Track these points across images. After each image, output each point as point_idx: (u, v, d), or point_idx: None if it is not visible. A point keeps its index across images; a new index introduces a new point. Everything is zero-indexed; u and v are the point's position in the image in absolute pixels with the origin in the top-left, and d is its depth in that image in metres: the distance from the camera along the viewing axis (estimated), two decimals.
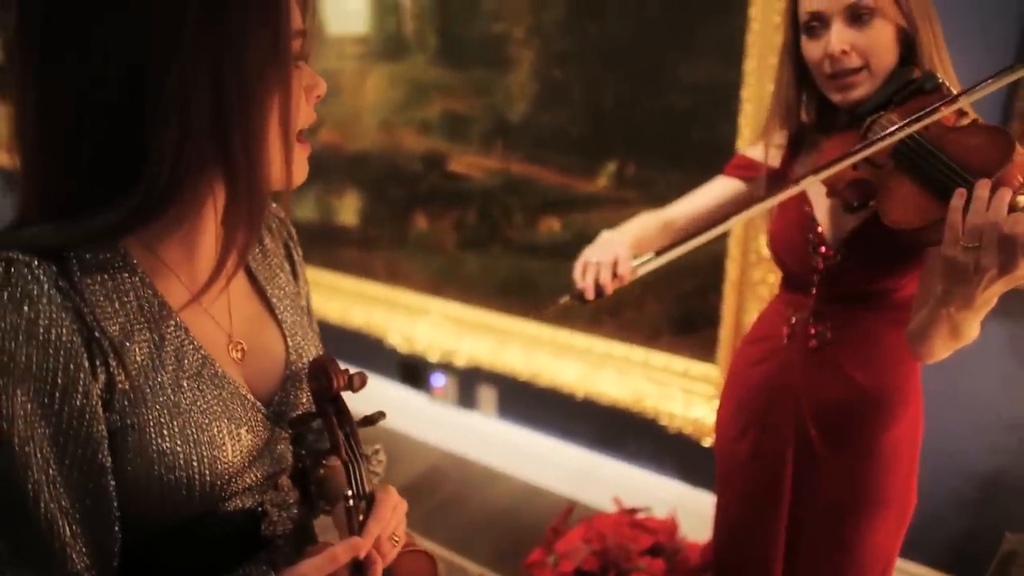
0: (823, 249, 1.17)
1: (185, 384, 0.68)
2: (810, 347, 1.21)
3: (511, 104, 2.20)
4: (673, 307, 2.11)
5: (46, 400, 0.60)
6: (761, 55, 1.75)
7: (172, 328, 0.70)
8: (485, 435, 2.62)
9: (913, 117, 0.98)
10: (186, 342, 0.70)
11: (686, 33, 1.87)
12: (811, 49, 1.11)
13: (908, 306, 1.14)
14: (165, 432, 0.65)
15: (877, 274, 1.14)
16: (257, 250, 0.87)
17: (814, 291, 1.19)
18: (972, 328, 0.97)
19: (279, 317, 0.83)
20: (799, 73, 1.17)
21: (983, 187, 0.87)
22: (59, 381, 0.61)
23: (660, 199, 1.43)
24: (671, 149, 1.98)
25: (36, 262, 0.61)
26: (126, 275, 0.67)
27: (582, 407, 2.31)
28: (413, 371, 2.72)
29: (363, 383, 0.75)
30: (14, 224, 0.66)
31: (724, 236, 1.94)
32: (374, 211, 2.66)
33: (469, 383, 2.62)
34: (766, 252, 1.86)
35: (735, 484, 1.34)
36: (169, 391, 0.67)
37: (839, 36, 1.06)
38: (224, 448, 0.69)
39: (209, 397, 0.70)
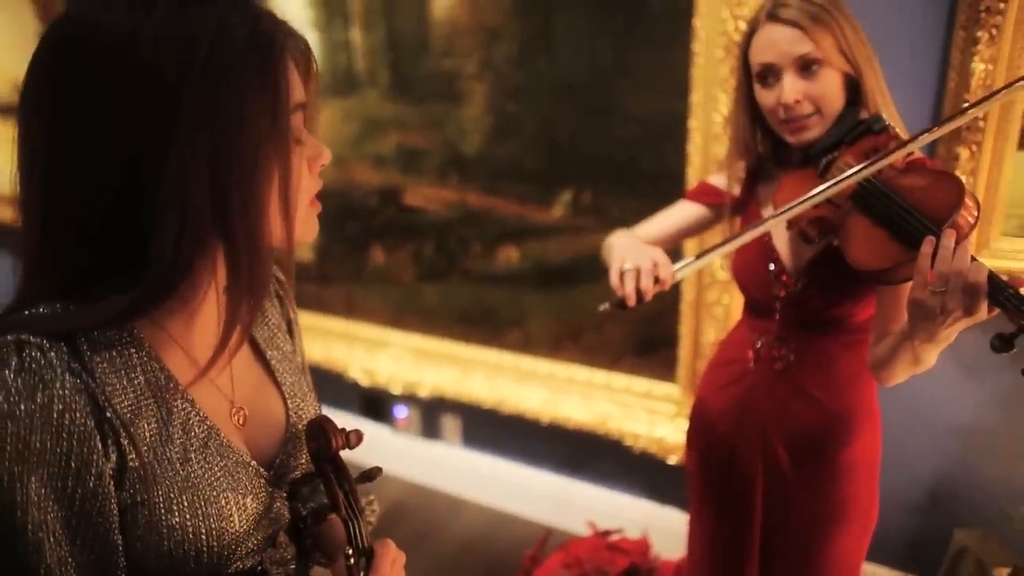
0: (784, 277, 1.24)
1: (192, 457, 0.70)
2: (775, 370, 1.27)
3: (465, 137, 2.24)
4: (633, 330, 2.17)
5: (59, 484, 0.61)
6: (706, 88, 1.83)
7: (179, 401, 0.71)
8: (451, 465, 2.62)
9: (869, 162, 1.05)
10: (192, 414, 0.71)
11: (634, 67, 1.94)
12: (764, 96, 1.18)
13: (864, 328, 1.22)
14: (174, 507, 0.67)
15: (836, 301, 1.21)
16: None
17: (777, 317, 1.26)
18: (932, 357, 1.04)
19: (279, 380, 0.85)
20: (753, 114, 1.24)
21: (949, 236, 0.94)
22: (72, 465, 0.61)
23: (616, 224, 1.48)
24: (624, 177, 2.04)
25: (48, 344, 0.62)
26: (133, 351, 0.68)
27: (548, 432, 2.34)
28: (375, 404, 2.71)
29: (359, 440, 0.77)
30: (17, 303, 0.66)
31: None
32: (330, 246, 2.66)
33: (433, 414, 2.62)
34: (720, 275, 1.94)
35: (708, 504, 1.39)
36: (178, 465, 0.68)
37: (791, 87, 1.13)
38: (231, 519, 0.70)
39: (216, 468, 0.71)
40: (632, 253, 1.15)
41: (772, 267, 1.25)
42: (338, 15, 2.33)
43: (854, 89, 1.16)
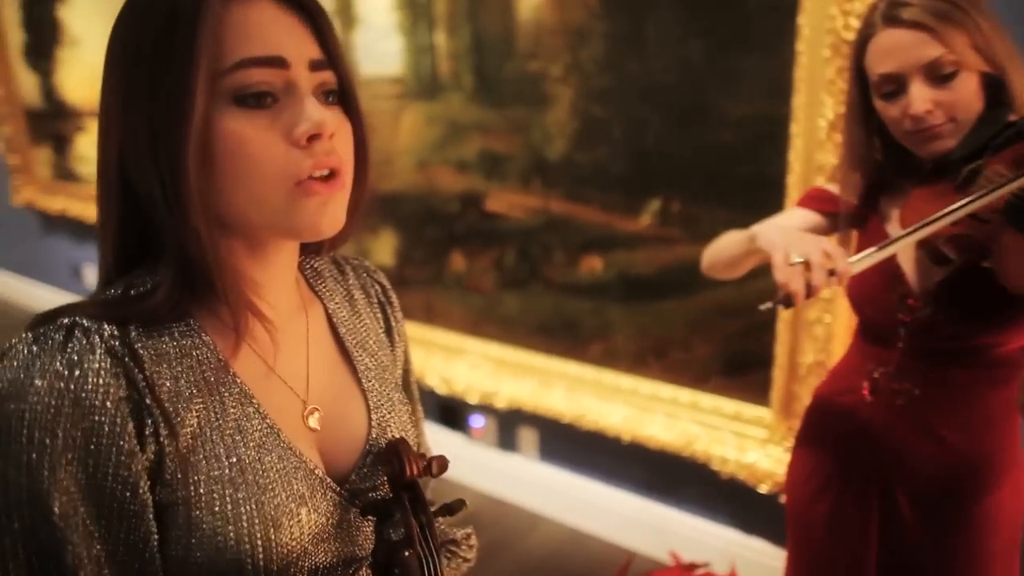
0: (910, 301, 1.10)
1: (244, 455, 0.64)
2: (896, 405, 1.13)
3: (550, 142, 2.16)
4: (723, 347, 2.04)
5: (89, 473, 0.58)
6: (810, 90, 1.69)
7: (236, 394, 0.66)
8: (527, 479, 2.55)
9: None
10: (249, 409, 0.66)
11: (730, 68, 1.82)
12: (887, 109, 1.04)
13: (1010, 363, 1.06)
14: (216, 509, 0.61)
15: (973, 329, 1.07)
16: (348, 313, 0.82)
17: (900, 344, 1.12)
18: None
19: (364, 386, 0.78)
20: (870, 125, 1.10)
21: None
22: (102, 454, 0.58)
23: (706, 237, 1.38)
24: (717, 186, 1.92)
25: (97, 327, 0.60)
26: (188, 339, 0.65)
27: (629, 450, 2.24)
28: (452, 413, 2.67)
29: (442, 468, 0.70)
30: (99, 287, 0.68)
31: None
32: (410, 251, 2.63)
33: (510, 425, 2.56)
34: (822, 291, 1.79)
35: (812, 549, 1.25)
36: (224, 462, 0.63)
37: (920, 97, 0.99)
38: (281, 528, 0.64)
39: (270, 471, 0.65)
40: (798, 242, 0.99)
41: (895, 287, 1.11)
42: (423, 18, 2.30)
43: (995, 89, 1.01)
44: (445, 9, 2.25)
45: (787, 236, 1.02)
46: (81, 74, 3.51)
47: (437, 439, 2.76)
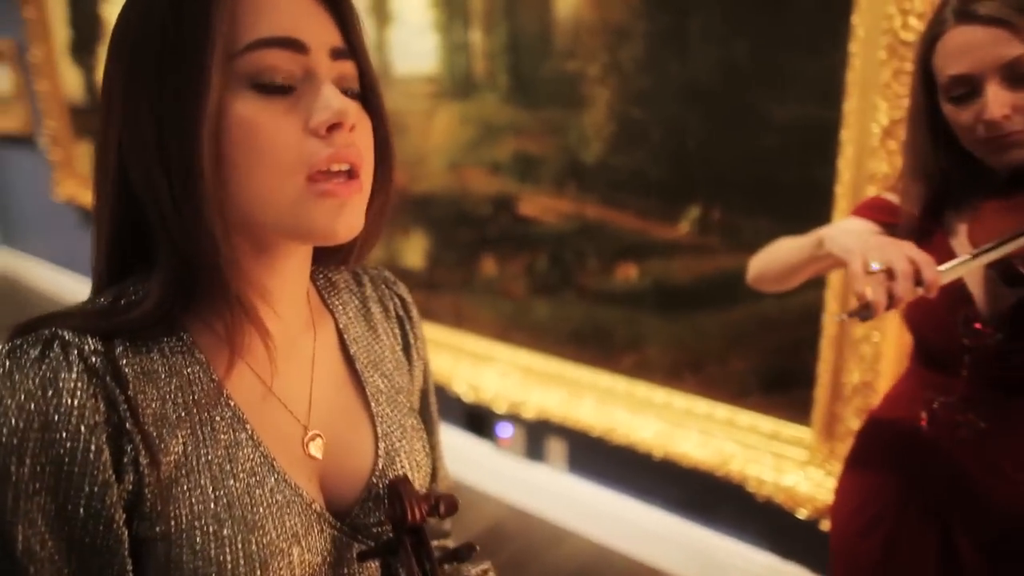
0: (977, 325, 1.00)
1: (233, 487, 0.58)
2: (957, 438, 1.03)
3: (586, 144, 2.09)
4: (762, 362, 1.95)
5: (59, 504, 0.52)
6: (863, 94, 1.60)
7: (228, 418, 0.60)
8: (554, 491, 2.48)
9: None
10: (242, 435, 0.60)
11: (777, 69, 1.73)
12: (958, 114, 0.95)
13: None
14: (198, 547, 0.55)
15: None
16: (362, 329, 0.76)
17: (963, 372, 1.01)
18: None
19: (373, 411, 0.71)
20: (936, 134, 1.01)
21: None
22: (74, 484, 0.52)
23: (748, 247, 1.30)
24: (761, 193, 1.83)
25: (77, 340, 0.54)
26: (179, 355, 0.59)
27: (661, 467, 2.15)
28: (479, 421, 2.61)
29: (451, 509, 0.63)
30: (92, 292, 0.63)
31: (818, 287, 1.78)
32: (441, 254, 2.58)
33: (538, 436, 2.49)
34: None
35: None
36: (210, 496, 0.57)
37: (997, 100, 0.90)
38: (269, 570, 0.57)
39: (261, 506, 0.59)
40: (878, 247, 0.90)
41: (961, 310, 1.01)
42: (459, 16, 2.24)
43: None
44: (482, 6, 2.19)
45: (865, 240, 0.92)
46: None
47: (463, 447, 2.69)
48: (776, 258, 1.17)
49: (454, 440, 2.66)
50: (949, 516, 1.04)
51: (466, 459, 2.61)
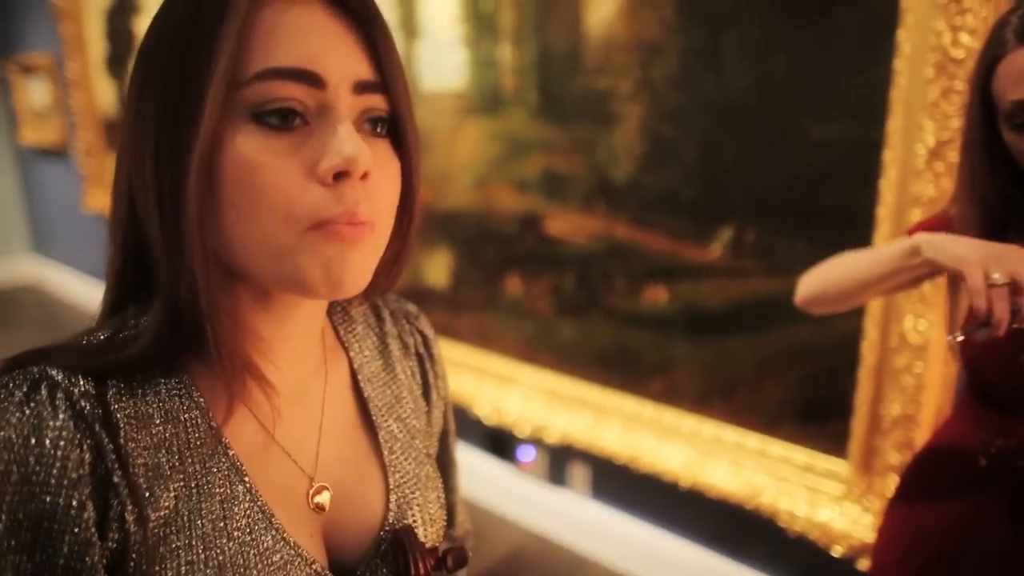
0: None
1: (226, 547, 0.53)
2: (1018, 483, 0.96)
3: (616, 163, 2.04)
4: (797, 390, 1.87)
5: (36, 563, 0.48)
6: (908, 113, 1.53)
7: (225, 468, 0.55)
8: (577, 519, 2.40)
9: None
10: (239, 488, 0.55)
11: (817, 87, 1.67)
12: (1021, 143, 0.90)
13: None
14: None
15: None
16: (379, 367, 0.70)
17: None
18: None
19: (385, 460, 0.66)
20: (995, 160, 0.95)
21: None
22: (53, 541, 0.48)
23: (784, 271, 1.24)
24: (797, 215, 1.76)
25: (68, 380, 0.50)
26: (177, 399, 0.54)
27: (687, 496, 2.07)
28: (501, 443, 2.55)
29: (460, 562, 0.58)
30: (97, 322, 0.59)
31: (857, 314, 1.70)
32: (465, 272, 2.54)
33: (561, 461, 2.42)
34: (913, 337, 1.61)
35: None
36: (201, 556, 0.52)
37: None
38: None
39: (254, 566, 0.54)
40: (998, 256, 0.83)
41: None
42: (488, 31, 2.22)
43: None
44: (512, 22, 2.16)
45: (982, 248, 0.85)
46: None
47: (484, 470, 2.63)
48: (845, 273, 1.07)
49: (475, 463, 2.60)
50: (1009, 569, 0.97)
51: (487, 482, 2.55)
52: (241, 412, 0.57)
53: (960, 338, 0.85)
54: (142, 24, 3.49)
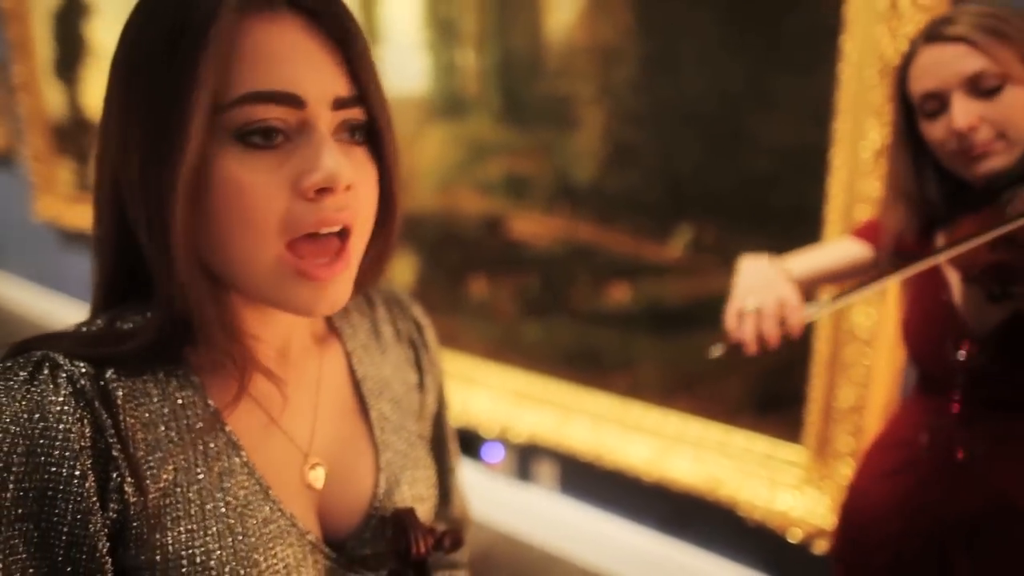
0: (965, 345, 1.00)
1: (224, 516, 0.56)
2: (956, 461, 1.03)
3: (578, 165, 2.09)
4: (756, 383, 1.94)
5: (42, 531, 0.50)
6: (854, 116, 1.61)
7: (223, 444, 0.58)
8: (545, 516, 2.45)
9: None
10: (236, 461, 0.58)
11: (769, 92, 1.75)
12: (932, 130, 0.98)
13: None
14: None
15: None
16: (372, 353, 0.74)
17: (958, 395, 1.02)
18: None
19: (377, 439, 0.69)
20: (920, 157, 1.04)
21: None
22: (57, 510, 0.51)
23: None
24: (753, 215, 1.84)
25: (68, 363, 0.53)
26: (173, 378, 0.57)
27: (653, 489, 2.13)
28: (468, 443, 2.58)
29: (457, 543, 0.62)
30: (91, 312, 0.61)
31: None
32: (430, 274, 2.56)
33: (528, 459, 2.46)
34: (862, 331, 1.69)
35: None
36: (199, 525, 0.55)
37: (963, 110, 0.93)
38: None
39: (252, 536, 0.57)
40: (758, 287, 1.00)
41: (951, 331, 1.02)
42: (451, 36, 2.25)
43: None
44: (473, 27, 2.20)
45: (750, 280, 1.01)
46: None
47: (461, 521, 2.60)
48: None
49: None
50: (950, 539, 1.04)
51: None
52: (232, 389, 0.59)
53: (718, 352, 1.01)
54: (92, 27, 3.43)
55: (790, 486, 1.90)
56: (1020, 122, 0.93)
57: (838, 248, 1.20)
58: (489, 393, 2.46)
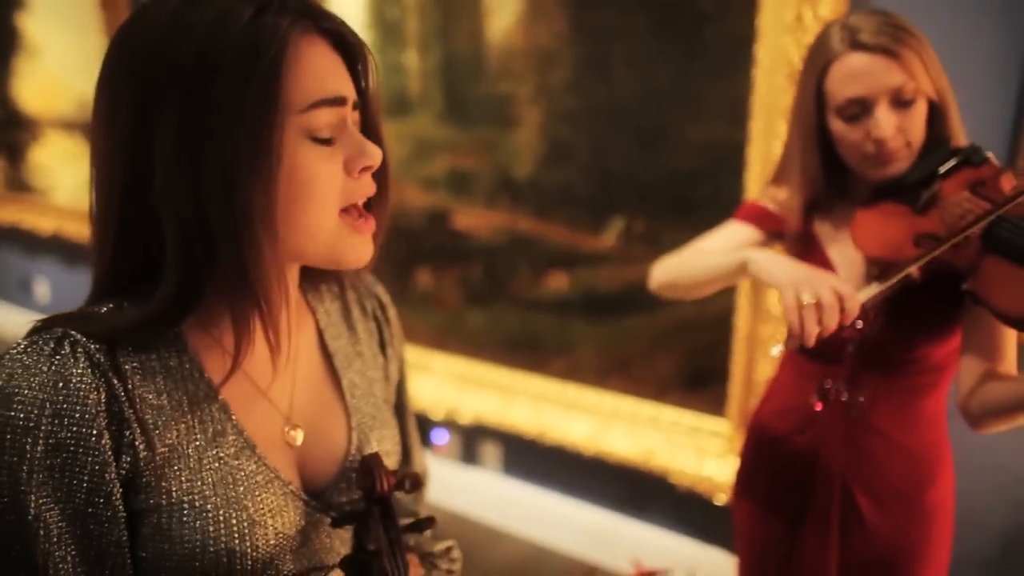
0: (858, 318, 1.15)
1: (218, 468, 0.67)
2: (849, 416, 1.19)
3: (518, 162, 2.22)
4: (682, 361, 2.11)
5: (66, 479, 0.61)
6: (767, 116, 1.78)
7: (215, 410, 0.69)
8: (490, 495, 2.57)
9: (1009, 196, 0.95)
10: (227, 424, 0.69)
11: (692, 94, 1.91)
12: (848, 132, 1.07)
13: (942, 366, 1.14)
14: (187, 519, 0.65)
15: (917, 341, 1.13)
16: (343, 330, 0.84)
17: (848, 359, 1.18)
18: None
19: (348, 404, 0.81)
20: (824, 151, 1.13)
21: None
22: (78, 462, 0.61)
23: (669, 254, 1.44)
24: (679, 206, 2.00)
25: (86, 340, 0.62)
26: (174, 355, 0.67)
27: (591, 464, 2.28)
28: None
29: (416, 485, 0.73)
30: (88, 300, 0.69)
31: (731, 291, 1.95)
32: (376, 266, 2.64)
33: (473, 441, 2.58)
34: (776, 309, 1.87)
35: (772, 557, 1.30)
36: (198, 476, 0.66)
37: (886, 121, 1.03)
38: (248, 539, 0.67)
39: (241, 485, 0.68)
40: (807, 280, 0.97)
41: None
42: (394, 38, 2.34)
43: (935, 115, 1.07)
44: (417, 29, 2.30)
45: (794, 272, 1.00)
46: (40, 84, 3.45)
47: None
48: (693, 272, 1.23)
49: None
50: (850, 481, 1.20)
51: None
52: (225, 362, 0.69)
53: (780, 350, 1.03)
54: (27, 21, 3.37)
55: (715, 455, 2.07)
56: (920, 132, 1.05)
57: (734, 234, 1.28)
58: (435, 379, 2.56)
